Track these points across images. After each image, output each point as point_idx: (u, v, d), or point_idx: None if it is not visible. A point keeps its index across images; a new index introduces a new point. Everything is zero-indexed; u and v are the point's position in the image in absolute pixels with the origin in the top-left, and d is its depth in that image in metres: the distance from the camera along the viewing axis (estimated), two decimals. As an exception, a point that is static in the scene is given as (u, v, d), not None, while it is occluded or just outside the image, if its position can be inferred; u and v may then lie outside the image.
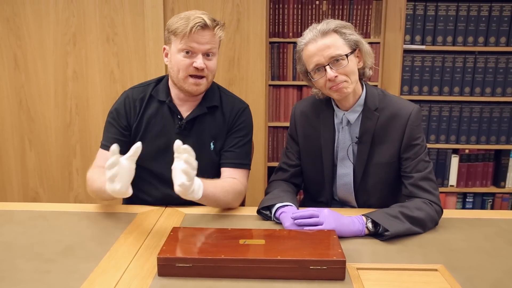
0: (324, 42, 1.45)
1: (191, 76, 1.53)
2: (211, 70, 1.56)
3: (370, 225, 1.35)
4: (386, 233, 1.31)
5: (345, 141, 1.58)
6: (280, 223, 1.42)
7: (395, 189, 1.61)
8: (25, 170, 2.68)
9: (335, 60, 1.45)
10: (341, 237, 1.30)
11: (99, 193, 1.50)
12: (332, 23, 1.47)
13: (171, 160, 1.59)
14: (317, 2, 2.60)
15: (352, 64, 1.48)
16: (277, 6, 2.61)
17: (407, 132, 1.51)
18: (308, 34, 1.48)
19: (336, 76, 1.45)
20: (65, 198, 2.70)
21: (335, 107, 1.59)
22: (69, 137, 2.63)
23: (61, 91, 2.58)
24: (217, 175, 1.67)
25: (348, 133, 1.57)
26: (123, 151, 1.60)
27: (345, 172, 1.60)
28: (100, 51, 2.53)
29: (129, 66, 2.54)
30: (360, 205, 1.63)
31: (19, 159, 2.66)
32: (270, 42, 2.63)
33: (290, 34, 2.64)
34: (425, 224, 1.39)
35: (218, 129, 1.65)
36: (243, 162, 1.65)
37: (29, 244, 1.29)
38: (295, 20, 2.63)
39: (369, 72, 1.56)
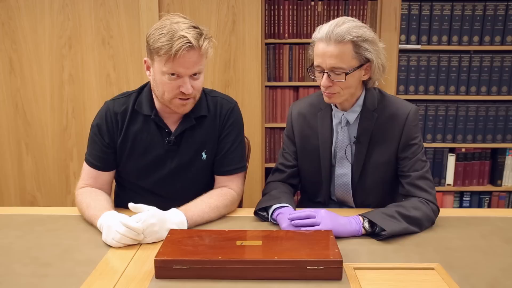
0: (333, 50, 1.40)
1: (177, 97, 1.45)
2: (198, 89, 1.48)
3: (367, 225, 1.36)
4: (383, 233, 1.32)
5: (343, 141, 1.58)
6: (277, 224, 1.42)
7: (392, 189, 1.62)
8: (22, 174, 2.67)
9: (335, 72, 1.43)
10: (338, 237, 1.31)
11: (88, 221, 1.47)
12: (353, 32, 1.40)
13: (158, 177, 1.58)
14: (312, 3, 2.61)
15: (352, 79, 1.45)
16: (272, 8, 2.62)
17: (405, 132, 1.52)
18: (326, 29, 1.41)
19: (330, 86, 1.45)
20: (62, 201, 2.69)
21: (333, 107, 1.59)
22: (66, 141, 2.63)
23: (57, 94, 2.58)
24: (210, 183, 1.65)
25: (346, 133, 1.57)
26: (108, 167, 1.59)
27: (343, 172, 1.61)
28: (96, 54, 2.53)
29: (125, 68, 2.54)
30: (357, 205, 1.63)
31: (16, 163, 2.66)
32: (266, 44, 2.63)
33: (286, 35, 2.64)
34: (422, 224, 1.40)
35: (209, 136, 1.59)
36: (237, 166, 1.62)
37: (26, 248, 1.29)
38: (290, 21, 2.63)
39: (375, 84, 1.54)
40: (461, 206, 2.83)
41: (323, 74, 1.45)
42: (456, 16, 2.59)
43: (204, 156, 1.59)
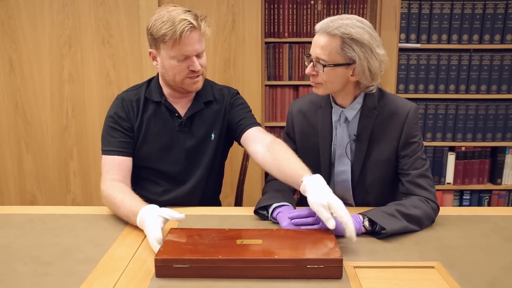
0: (321, 40, 1.44)
1: (188, 77, 1.55)
2: (204, 66, 1.58)
3: (367, 223, 1.36)
4: (383, 232, 1.32)
5: (343, 138, 1.58)
6: (277, 223, 1.42)
7: (392, 187, 1.62)
8: (22, 173, 2.67)
9: (319, 62, 1.46)
10: (338, 236, 1.31)
11: (122, 218, 1.46)
12: (345, 29, 1.40)
13: (174, 158, 1.64)
14: (312, 2, 2.60)
15: (333, 74, 1.46)
16: (272, 6, 2.62)
17: (405, 130, 1.52)
18: (325, 20, 1.46)
19: (313, 75, 1.49)
20: (62, 201, 2.69)
21: (333, 104, 1.59)
22: (66, 140, 2.63)
23: (57, 94, 2.58)
24: (218, 164, 1.72)
25: (346, 130, 1.58)
26: (130, 152, 1.62)
27: (343, 169, 1.61)
28: (95, 53, 2.53)
29: (125, 67, 2.54)
30: (357, 203, 1.63)
31: (16, 162, 2.66)
32: (266, 42, 2.63)
33: (286, 34, 2.64)
34: (422, 222, 1.40)
35: (217, 118, 1.67)
36: (257, 122, 1.68)
37: (26, 247, 1.29)
38: (290, 20, 2.63)
39: (368, 89, 1.51)
40: (461, 205, 2.83)
41: (311, 62, 1.49)
42: (456, 14, 2.59)
43: (213, 136, 1.66)
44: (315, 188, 1.28)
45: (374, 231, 1.35)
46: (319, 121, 1.62)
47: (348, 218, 1.21)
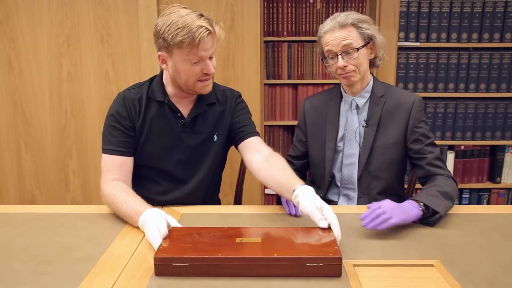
0: (340, 34, 1.60)
1: (199, 80, 1.56)
2: (215, 68, 1.59)
3: (423, 206, 1.40)
4: (437, 216, 1.39)
5: (353, 123, 1.70)
6: (283, 212, 1.51)
7: (397, 173, 1.71)
8: (21, 172, 2.67)
9: (347, 52, 1.60)
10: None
11: (123, 218, 1.46)
12: (351, 16, 1.61)
13: (176, 158, 1.64)
14: (311, 1, 2.60)
15: (363, 56, 1.62)
16: (271, 5, 2.62)
17: (412, 114, 1.64)
18: (329, 23, 1.63)
19: (346, 66, 1.61)
20: (61, 200, 2.69)
21: (343, 92, 1.73)
22: (65, 139, 2.63)
23: (56, 93, 2.58)
24: (221, 165, 1.75)
25: (356, 116, 1.70)
26: (131, 151, 1.62)
27: (351, 152, 1.70)
28: (94, 52, 2.53)
29: (123, 66, 2.54)
30: (362, 188, 1.69)
31: (15, 162, 2.66)
32: (265, 41, 2.63)
33: (285, 33, 2.64)
34: (454, 197, 1.50)
35: (220, 119, 1.68)
36: (257, 131, 1.71)
37: (25, 246, 1.29)
38: (289, 19, 2.63)
39: (379, 62, 1.72)
40: (460, 203, 2.84)
41: (337, 58, 1.61)
42: (455, 13, 2.59)
43: (215, 137, 1.67)
44: (307, 195, 1.33)
45: (425, 218, 1.40)
46: (329, 110, 1.74)
47: (336, 222, 1.24)
